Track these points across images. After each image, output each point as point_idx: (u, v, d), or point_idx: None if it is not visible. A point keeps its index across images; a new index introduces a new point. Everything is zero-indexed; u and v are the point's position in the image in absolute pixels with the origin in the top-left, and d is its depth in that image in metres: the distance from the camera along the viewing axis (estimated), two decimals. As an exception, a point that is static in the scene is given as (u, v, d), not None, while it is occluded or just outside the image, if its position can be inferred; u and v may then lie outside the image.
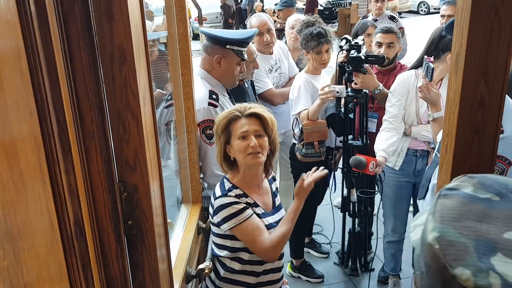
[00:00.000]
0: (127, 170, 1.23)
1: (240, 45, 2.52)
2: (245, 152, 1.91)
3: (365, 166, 2.81)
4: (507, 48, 1.25)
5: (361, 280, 3.52)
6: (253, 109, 1.96)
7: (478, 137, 1.34)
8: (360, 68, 3.01)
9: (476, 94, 1.29)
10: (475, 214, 0.60)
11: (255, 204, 1.98)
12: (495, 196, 0.62)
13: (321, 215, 4.07)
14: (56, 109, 0.85)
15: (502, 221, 0.58)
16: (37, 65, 0.79)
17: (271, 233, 1.93)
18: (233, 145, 1.95)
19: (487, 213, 0.60)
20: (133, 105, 1.17)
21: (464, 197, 0.63)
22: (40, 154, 0.77)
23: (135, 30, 1.15)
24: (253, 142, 1.89)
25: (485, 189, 0.63)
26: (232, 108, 2.02)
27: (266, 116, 1.96)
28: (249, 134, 1.92)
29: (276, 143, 2.04)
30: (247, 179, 2.00)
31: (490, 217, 0.59)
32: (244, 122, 1.94)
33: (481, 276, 0.53)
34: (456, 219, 0.60)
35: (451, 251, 0.56)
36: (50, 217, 0.79)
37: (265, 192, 2.09)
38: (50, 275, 0.77)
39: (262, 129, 1.95)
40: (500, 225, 0.58)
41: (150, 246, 1.34)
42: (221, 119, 1.98)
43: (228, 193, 1.94)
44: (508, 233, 0.56)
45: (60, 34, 0.93)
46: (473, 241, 0.56)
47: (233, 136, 1.95)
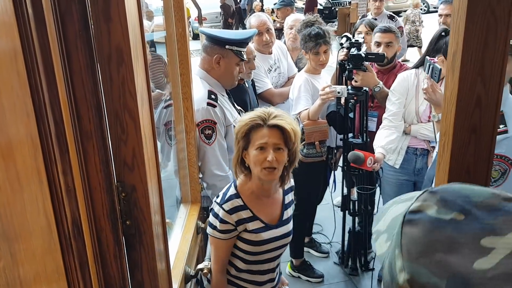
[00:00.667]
0: (125, 170, 1.24)
1: (240, 45, 2.53)
2: (261, 165, 1.82)
3: (363, 162, 2.82)
4: (503, 47, 1.26)
5: (361, 279, 3.52)
6: (277, 120, 1.84)
7: (475, 136, 1.34)
8: (360, 66, 3.01)
9: (473, 93, 1.30)
10: (443, 243, 0.58)
11: (253, 217, 1.91)
12: (460, 214, 0.60)
13: (321, 215, 4.07)
14: (54, 109, 0.86)
15: (470, 246, 0.56)
16: (34, 66, 0.79)
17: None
18: (250, 153, 1.86)
19: (454, 239, 0.57)
20: (131, 106, 1.17)
21: (429, 222, 0.60)
22: (37, 155, 0.77)
23: (133, 30, 1.15)
24: (271, 157, 1.80)
25: (449, 207, 0.61)
26: (256, 115, 1.88)
27: (288, 129, 1.84)
28: (267, 147, 1.82)
29: (296, 154, 1.94)
30: (256, 190, 1.93)
31: (458, 244, 0.57)
32: (265, 132, 1.83)
33: None
34: (424, 253, 0.57)
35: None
36: (47, 217, 0.80)
37: (273, 203, 2.00)
38: (47, 275, 0.77)
39: (282, 142, 1.84)
40: (469, 252, 0.56)
41: (149, 246, 1.35)
42: (243, 124, 1.88)
43: (223, 205, 1.88)
44: (477, 261, 0.55)
45: (57, 35, 0.93)
46: (445, 280, 0.54)
47: (251, 144, 1.86)
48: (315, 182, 3.42)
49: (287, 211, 2.04)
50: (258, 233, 1.90)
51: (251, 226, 1.90)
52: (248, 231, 1.90)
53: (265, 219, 1.94)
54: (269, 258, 1.98)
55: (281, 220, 2.00)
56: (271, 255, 1.97)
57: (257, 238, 1.90)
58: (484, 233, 0.57)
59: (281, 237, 1.97)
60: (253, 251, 1.93)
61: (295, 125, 1.91)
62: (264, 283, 2.02)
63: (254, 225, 1.91)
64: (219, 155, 2.47)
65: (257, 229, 1.91)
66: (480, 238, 0.56)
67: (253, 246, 1.92)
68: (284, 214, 2.02)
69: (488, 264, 0.54)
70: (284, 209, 2.03)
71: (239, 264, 1.97)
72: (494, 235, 0.56)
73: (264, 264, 1.98)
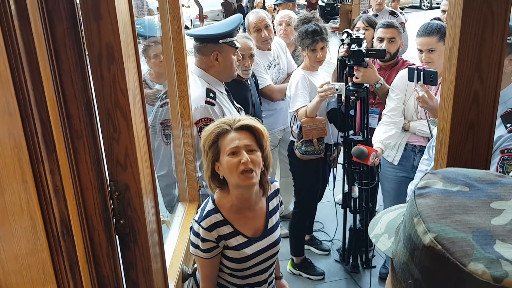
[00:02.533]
0: (118, 169, 1.23)
1: (231, 35, 2.52)
2: (237, 170, 1.70)
3: (366, 157, 2.81)
4: (500, 43, 1.24)
5: (362, 277, 3.51)
6: (244, 121, 1.76)
7: (473, 132, 1.32)
8: (361, 62, 2.99)
9: (470, 88, 1.28)
10: (458, 207, 0.61)
11: (235, 233, 1.80)
12: (464, 187, 0.65)
13: (321, 212, 4.06)
14: (39, 108, 0.84)
15: (482, 209, 0.61)
16: (18, 64, 0.78)
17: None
18: (223, 162, 1.74)
19: (466, 204, 0.62)
20: (122, 104, 1.16)
21: (439, 193, 0.64)
22: (21, 155, 0.76)
23: (123, 28, 1.14)
24: (245, 158, 1.68)
25: (453, 182, 0.66)
26: (220, 121, 1.80)
27: (258, 127, 1.76)
28: (239, 150, 1.71)
29: (269, 157, 1.84)
30: (236, 203, 1.80)
31: (471, 208, 0.61)
32: (234, 136, 1.73)
33: (494, 267, 0.53)
34: (444, 215, 0.60)
35: (456, 248, 0.56)
36: (32, 218, 0.79)
37: (257, 215, 1.88)
38: (31, 276, 0.76)
39: (254, 143, 1.75)
40: (483, 213, 0.60)
41: (143, 245, 1.34)
42: (208, 134, 1.77)
43: (201, 222, 1.77)
44: (494, 219, 0.59)
45: (44, 32, 0.92)
46: (470, 234, 0.57)
47: (222, 152, 1.74)
48: (314, 180, 3.41)
49: (271, 219, 1.92)
50: (241, 249, 1.80)
51: (233, 242, 1.79)
52: (230, 248, 1.79)
53: (248, 233, 1.83)
54: (258, 271, 1.88)
55: (265, 230, 1.88)
56: (259, 268, 1.87)
57: (241, 255, 1.80)
58: (492, 199, 0.62)
59: (267, 248, 1.86)
60: (238, 268, 1.84)
61: (263, 125, 1.82)
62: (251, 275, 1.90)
63: (236, 241, 1.80)
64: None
65: (240, 245, 1.80)
66: (489, 203, 0.61)
67: (237, 263, 1.82)
68: (269, 223, 1.90)
69: (504, 221, 0.58)
70: (269, 217, 1.91)
71: (227, 278, 1.89)
72: (500, 200, 0.62)
73: (255, 277, 1.89)
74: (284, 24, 3.97)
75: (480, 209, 0.61)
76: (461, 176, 0.67)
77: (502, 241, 0.56)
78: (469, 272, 0.54)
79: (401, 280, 0.65)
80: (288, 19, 3.99)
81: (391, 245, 0.71)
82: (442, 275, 0.58)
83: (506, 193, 0.63)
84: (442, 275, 0.58)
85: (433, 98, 2.49)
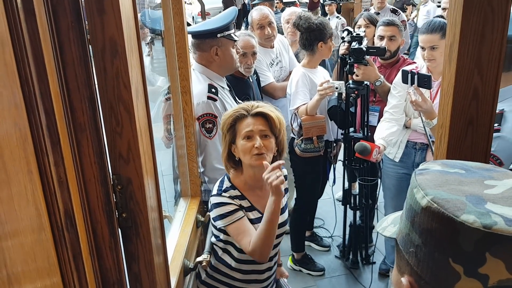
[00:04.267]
0: (121, 163, 1.24)
1: (228, 28, 2.53)
2: (250, 153, 1.84)
3: (369, 153, 2.82)
4: (500, 39, 1.25)
5: (362, 273, 3.53)
6: (260, 108, 1.89)
7: (472, 128, 1.34)
8: (361, 60, 3.00)
9: (470, 84, 1.29)
10: (453, 181, 0.68)
11: (251, 207, 1.93)
12: (461, 170, 0.71)
13: (322, 209, 4.08)
14: (44, 100, 0.86)
15: (476, 184, 0.67)
16: (23, 57, 0.79)
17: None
18: (238, 145, 1.88)
19: (462, 180, 0.68)
20: (125, 98, 1.17)
21: (438, 172, 0.71)
22: (26, 145, 0.77)
23: (127, 23, 1.15)
24: (258, 143, 1.82)
25: (451, 166, 0.73)
26: (239, 106, 1.95)
27: (273, 116, 1.89)
28: (254, 134, 1.85)
29: (284, 144, 1.97)
30: (249, 181, 1.94)
31: (466, 182, 0.67)
32: (249, 121, 1.87)
33: (484, 218, 0.59)
34: (440, 184, 0.67)
35: (449, 205, 0.62)
36: (38, 208, 0.80)
37: (266, 195, 1.92)
38: (37, 266, 0.78)
39: (268, 129, 1.88)
40: (477, 187, 0.66)
41: (145, 239, 1.35)
42: (227, 117, 1.92)
43: (222, 193, 1.90)
44: (487, 190, 0.65)
45: (49, 26, 0.93)
46: (464, 197, 0.64)
47: (238, 135, 1.89)
48: (315, 177, 3.42)
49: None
50: (257, 223, 1.88)
51: (250, 215, 1.91)
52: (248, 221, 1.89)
53: (261, 209, 1.92)
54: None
55: None
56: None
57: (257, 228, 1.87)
58: (485, 178, 0.68)
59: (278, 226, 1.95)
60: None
61: (279, 113, 1.94)
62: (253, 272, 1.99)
63: (253, 215, 1.92)
64: (220, 149, 2.46)
65: (256, 219, 1.91)
66: (483, 180, 0.68)
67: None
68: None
69: (496, 192, 0.65)
70: None
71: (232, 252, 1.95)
72: (493, 179, 0.68)
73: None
74: (291, 22, 3.97)
75: (474, 184, 0.67)
76: (458, 163, 0.73)
77: (493, 202, 0.62)
78: (461, 222, 0.60)
79: (404, 253, 0.70)
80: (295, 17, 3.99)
81: (396, 229, 0.77)
82: (438, 232, 0.63)
83: (499, 176, 0.69)
84: (438, 232, 0.63)
85: (427, 101, 2.51)
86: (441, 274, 0.63)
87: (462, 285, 0.61)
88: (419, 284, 0.67)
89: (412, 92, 2.56)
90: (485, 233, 0.58)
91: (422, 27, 2.80)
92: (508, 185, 0.66)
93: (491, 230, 0.58)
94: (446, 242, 0.62)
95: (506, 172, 0.71)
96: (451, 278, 0.62)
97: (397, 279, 0.75)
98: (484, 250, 0.59)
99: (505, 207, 0.61)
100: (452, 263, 0.62)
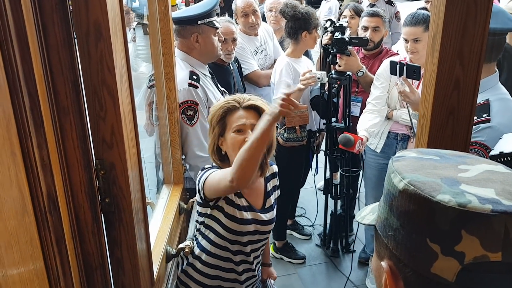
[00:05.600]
0: (104, 148, 1.23)
1: (209, 15, 2.52)
2: (239, 148, 1.68)
3: (352, 144, 2.85)
4: (482, 31, 1.27)
5: (342, 261, 3.57)
6: (253, 101, 1.81)
7: (453, 118, 1.36)
8: (344, 50, 3.01)
9: (452, 75, 1.31)
10: (429, 166, 0.70)
11: (240, 194, 1.86)
12: (436, 156, 0.74)
13: (304, 198, 4.11)
14: (28, 82, 0.85)
15: (451, 169, 0.69)
16: (7, 38, 0.78)
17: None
18: (227, 138, 1.80)
19: (437, 165, 0.71)
20: (109, 82, 1.16)
21: (413, 158, 0.73)
22: (10, 126, 0.77)
23: (111, 5, 1.14)
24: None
25: (426, 153, 0.75)
26: (230, 98, 1.84)
27: (266, 109, 1.77)
28: (246, 128, 1.76)
29: (273, 140, 1.87)
30: None
31: (441, 167, 0.70)
32: (241, 114, 1.79)
33: (459, 197, 0.61)
34: (416, 169, 0.69)
35: (425, 187, 0.64)
36: (21, 190, 0.79)
37: (255, 192, 1.94)
38: (20, 247, 0.77)
39: None
40: (452, 170, 0.69)
41: (128, 224, 1.35)
42: (217, 109, 1.82)
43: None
44: (461, 174, 0.68)
45: (32, 7, 0.92)
46: (439, 179, 0.66)
47: (228, 128, 1.80)
48: (297, 166, 3.44)
49: (269, 199, 1.98)
50: (242, 210, 1.84)
51: (237, 201, 1.84)
52: (234, 206, 1.82)
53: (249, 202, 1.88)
54: (252, 240, 1.90)
55: (264, 208, 1.94)
56: (254, 237, 1.90)
57: (240, 215, 1.83)
58: (459, 163, 0.71)
59: (263, 223, 1.90)
60: (237, 230, 1.84)
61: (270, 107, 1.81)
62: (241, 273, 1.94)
63: (241, 202, 1.85)
64: (201, 136, 2.46)
65: (242, 207, 1.84)
66: (457, 165, 0.70)
67: (234, 223, 1.83)
68: (267, 203, 1.96)
69: (469, 175, 0.67)
70: (267, 197, 1.97)
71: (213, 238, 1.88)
72: (466, 164, 0.71)
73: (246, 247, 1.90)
74: (274, 10, 3.96)
75: (448, 168, 0.69)
76: (433, 151, 0.76)
77: (467, 184, 0.64)
78: (437, 201, 0.62)
79: (383, 238, 0.72)
80: (278, 5, 3.98)
81: (374, 216, 0.78)
82: (415, 213, 0.65)
83: (472, 161, 0.72)
84: (415, 213, 0.65)
85: (415, 93, 2.52)
86: (419, 255, 0.65)
87: (440, 264, 0.63)
88: (398, 267, 0.69)
89: (400, 83, 2.58)
90: (460, 211, 0.60)
91: (405, 19, 2.82)
92: (481, 169, 0.69)
93: (466, 208, 0.60)
94: (423, 222, 0.64)
95: (478, 158, 0.74)
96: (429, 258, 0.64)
97: (376, 264, 0.76)
98: (460, 228, 0.61)
99: (478, 188, 0.63)
100: (429, 243, 0.63)
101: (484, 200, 0.61)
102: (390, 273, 0.69)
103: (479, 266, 0.61)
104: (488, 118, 1.81)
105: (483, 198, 0.61)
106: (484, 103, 1.84)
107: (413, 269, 0.66)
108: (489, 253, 0.60)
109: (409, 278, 0.67)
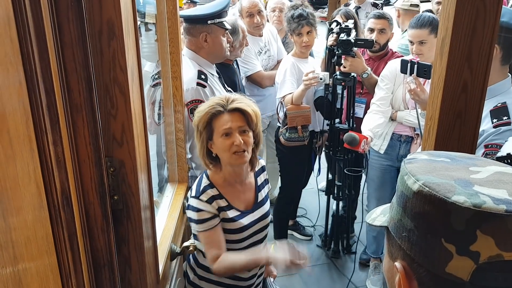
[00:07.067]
0: (114, 145, 1.24)
1: (220, 16, 2.53)
2: (230, 151, 1.81)
3: (358, 143, 2.86)
4: (491, 35, 1.28)
5: (343, 262, 3.58)
6: (236, 103, 1.83)
7: (460, 121, 1.37)
8: (349, 52, 3.02)
9: (460, 78, 1.32)
10: (441, 168, 0.72)
11: (229, 206, 1.89)
12: (447, 159, 0.75)
13: (305, 199, 4.12)
14: (45, 79, 0.85)
15: (462, 171, 0.71)
16: (26, 35, 0.79)
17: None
18: (216, 142, 1.83)
19: (449, 167, 0.72)
20: (121, 80, 1.17)
21: (425, 160, 0.75)
22: (28, 123, 0.78)
23: (125, 5, 1.15)
24: (238, 140, 1.79)
25: (437, 156, 0.77)
26: (213, 102, 1.86)
27: (249, 110, 1.83)
28: (233, 131, 1.81)
29: (260, 136, 1.94)
30: (228, 177, 1.91)
31: (453, 169, 0.71)
32: (227, 118, 1.81)
33: (473, 198, 0.63)
34: (430, 171, 0.71)
35: (440, 188, 0.66)
36: (38, 185, 0.80)
37: (247, 189, 1.99)
38: (37, 242, 0.78)
39: (246, 124, 1.84)
40: (464, 172, 0.70)
41: (136, 222, 1.35)
42: (202, 115, 1.84)
43: (200, 196, 1.85)
44: (473, 175, 0.69)
45: (49, 5, 0.93)
46: (453, 181, 0.67)
47: (215, 132, 1.83)
48: (299, 166, 3.45)
49: (260, 193, 2.03)
50: (237, 220, 1.89)
51: (229, 214, 1.88)
52: (227, 221, 1.88)
53: (240, 207, 1.93)
54: (253, 242, 1.97)
55: (256, 203, 1.99)
56: (253, 239, 1.97)
57: (237, 225, 1.90)
58: (470, 165, 0.73)
59: (259, 220, 1.97)
60: (236, 239, 1.91)
61: (255, 106, 1.90)
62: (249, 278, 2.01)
63: (232, 213, 1.89)
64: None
65: (236, 217, 1.90)
66: (468, 167, 0.72)
67: (235, 234, 1.90)
68: (259, 196, 2.01)
69: (481, 176, 0.69)
70: (258, 191, 2.02)
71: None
72: (477, 166, 0.72)
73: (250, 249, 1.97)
74: (277, 10, 3.97)
75: (460, 170, 0.71)
76: (443, 153, 0.78)
77: (480, 185, 0.66)
78: (453, 202, 0.63)
79: (397, 239, 0.73)
80: (281, 5, 3.99)
81: (386, 218, 0.79)
82: (430, 214, 0.66)
83: (482, 163, 0.74)
84: (430, 214, 0.66)
85: (425, 92, 2.52)
86: (434, 255, 0.66)
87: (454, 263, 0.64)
88: (412, 267, 0.70)
89: (410, 81, 2.58)
90: (475, 212, 0.62)
91: (411, 21, 2.83)
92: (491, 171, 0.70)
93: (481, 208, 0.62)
94: (438, 223, 0.65)
95: (487, 160, 0.76)
96: (444, 258, 0.65)
97: (389, 265, 0.77)
98: (475, 228, 0.62)
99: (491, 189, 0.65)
100: (444, 243, 0.65)
101: (498, 200, 0.62)
102: (404, 273, 0.70)
103: (493, 265, 0.62)
104: (509, 121, 1.81)
105: (497, 199, 0.63)
106: (501, 106, 1.85)
107: (427, 269, 0.67)
108: (503, 252, 0.62)
109: (423, 278, 0.68)
